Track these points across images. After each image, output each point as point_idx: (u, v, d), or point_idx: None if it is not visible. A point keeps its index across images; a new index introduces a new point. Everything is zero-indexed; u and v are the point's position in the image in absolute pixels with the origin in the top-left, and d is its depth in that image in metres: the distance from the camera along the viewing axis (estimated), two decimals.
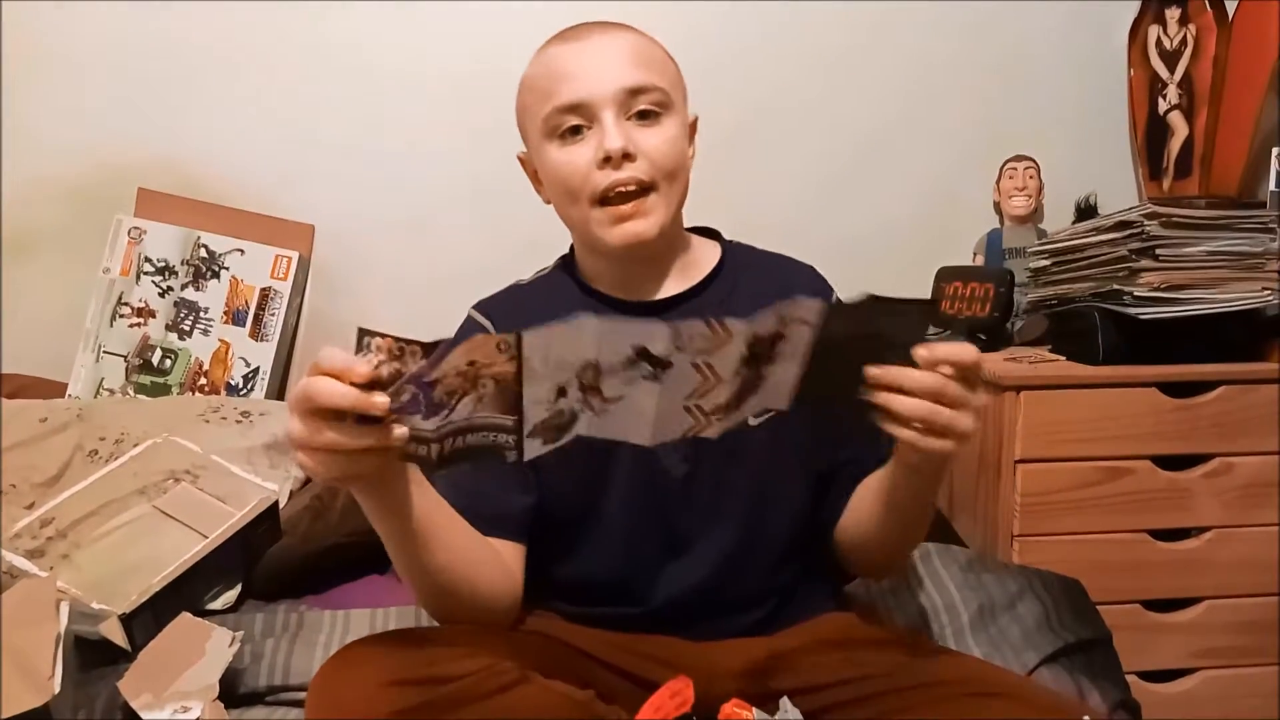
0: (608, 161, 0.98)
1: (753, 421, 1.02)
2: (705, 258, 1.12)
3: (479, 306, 1.12)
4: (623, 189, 0.99)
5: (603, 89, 0.98)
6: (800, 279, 1.13)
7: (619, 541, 1.05)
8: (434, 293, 1.91)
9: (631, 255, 1.04)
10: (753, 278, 1.10)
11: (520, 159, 1.12)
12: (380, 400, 0.75)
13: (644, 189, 1.00)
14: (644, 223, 1.00)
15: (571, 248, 1.15)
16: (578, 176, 1.00)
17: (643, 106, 1.00)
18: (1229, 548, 1.54)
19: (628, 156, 0.98)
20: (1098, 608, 1.29)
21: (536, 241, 1.17)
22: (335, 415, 0.75)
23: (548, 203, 1.08)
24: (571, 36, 1.04)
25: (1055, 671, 1.18)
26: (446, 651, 0.90)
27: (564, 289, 1.11)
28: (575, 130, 1.00)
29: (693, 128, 1.09)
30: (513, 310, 1.09)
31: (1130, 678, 1.29)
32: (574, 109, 0.99)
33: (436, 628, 1.02)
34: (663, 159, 1.00)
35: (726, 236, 1.17)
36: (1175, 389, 1.52)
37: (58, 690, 0.98)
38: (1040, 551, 1.49)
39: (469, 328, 1.10)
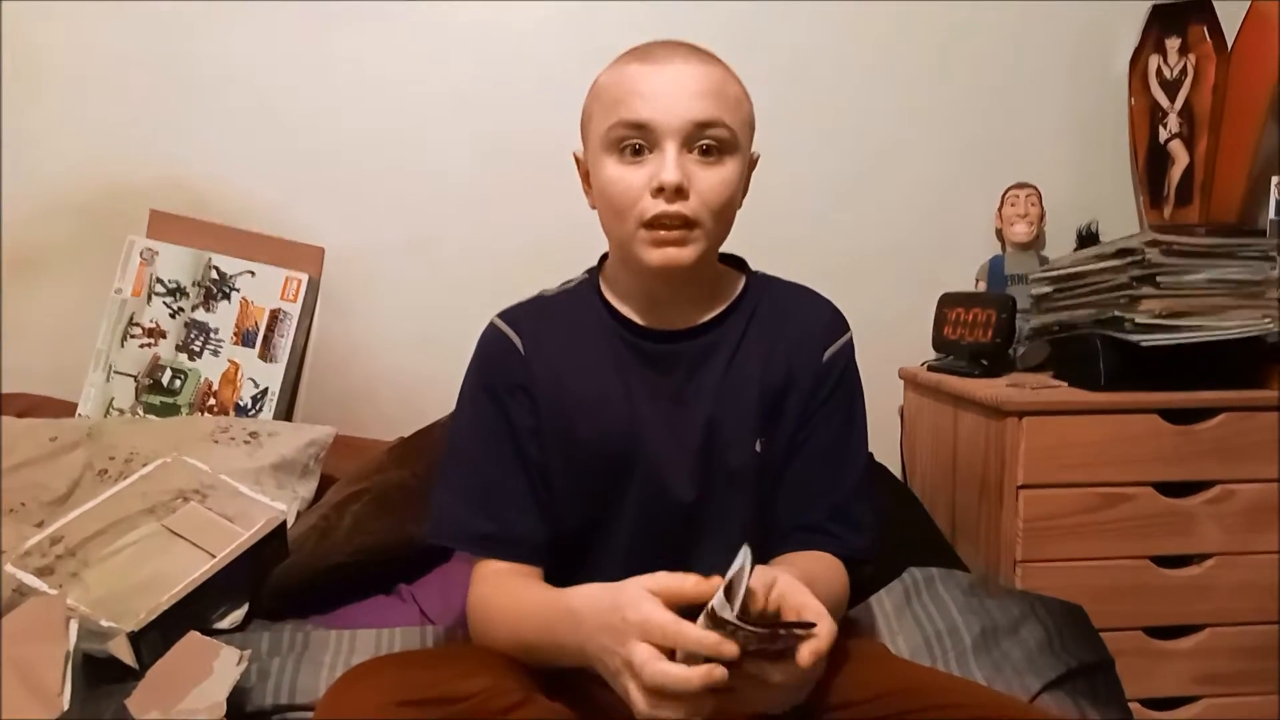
0: (660, 192, 0.99)
1: (759, 449, 1.08)
2: (729, 287, 1.13)
3: (504, 317, 1.13)
4: (669, 219, 1.00)
5: (671, 117, 0.98)
6: (818, 318, 1.14)
7: (626, 566, 1.05)
8: (442, 312, 1.93)
9: (666, 277, 1.05)
10: (771, 314, 1.12)
11: (575, 157, 1.12)
12: (720, 673, 0.77)
13: (689, 223, 1.00)
14: (684, 252, 1.01)
15: (602, 259, 1.17)
16: (629, 197, 1.00)
17: (707, 142, 1.00)
18: (1231, 574, 1.54)
19: (680, 192, 0.98)
20: (1100, 634, 1.30)
21: (543, 257, 1.19)
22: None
23: (593, 207, 1.09)
24: (653, 56, 1.02)
25: (1058, 696, 1.18)
26: (451, 672, 0.91)
27: (589, 309, 1.12)
28: (636, 150, 1.00)
29: (752, 165, 1.09)
30: (538, 324, 1.11)
31: (1133, 705, 1.30)
32: (639, 129, 0.99)
33: (441, 648, 1.03)
34: (715, 199, 1.01)
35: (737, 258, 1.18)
36: (1176, 415, 1.52)
37: (66, 707, 0.99)
38: (1043, 577, 1.50)
39: (493, 337, 1.12)
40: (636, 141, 1.00)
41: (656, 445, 1.07)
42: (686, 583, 0.82)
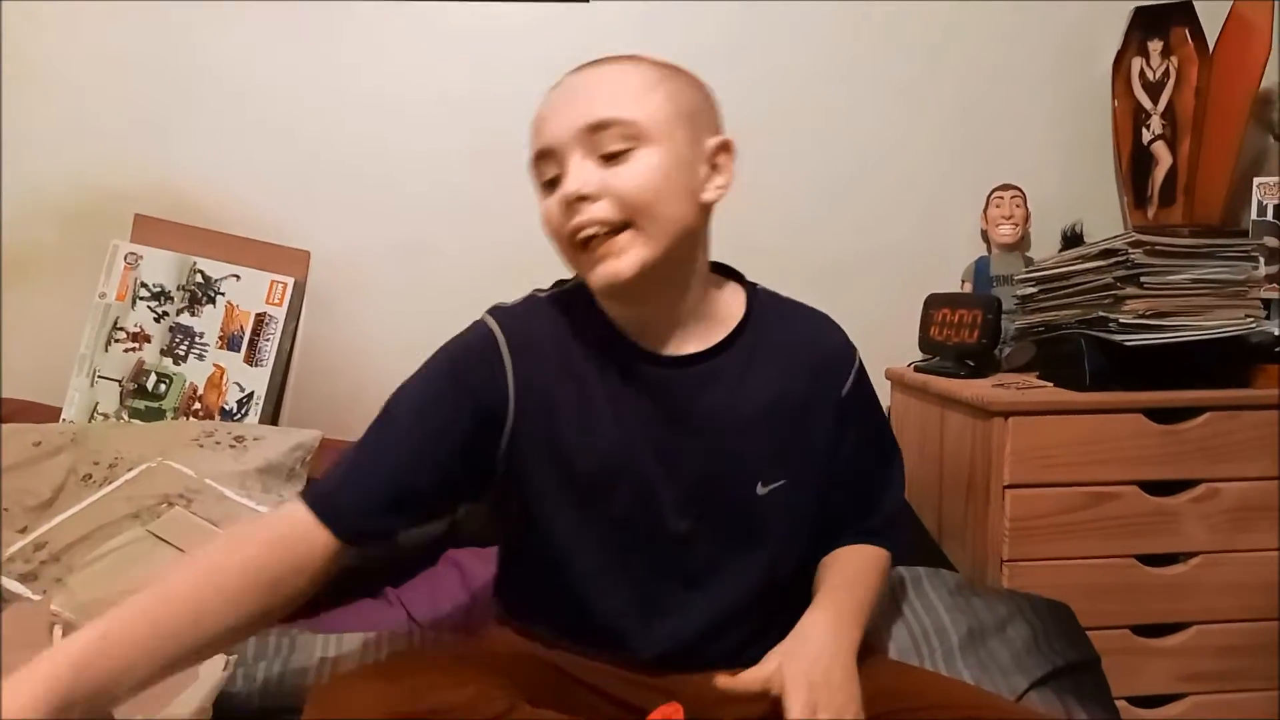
0: (569, 206, 0.94)
1: (761, 491, 1.04)
2: (729, 309, 1.06)
3: (496, 316, 1.04)
4: (592, 231, 0.94)
5: (563, 132, 0.94)
6: (827, 339, 1.10)
7: (610, 593, 1.03)
8: (430, 318, 1.92)
9: (616, 296, 0.99)
10: (779, 336, 1.06)
11: None
12: None
13: (614, 229, 0.93)
14: (618, 263, 0.94)
15: None
16: (554, 223, 0.96)
17: (609, 146, 0.93)
18: (1216, 572, 1.55)
19: (586, 198, 0.93)
20: (1087, 632, 1.30)
21: (534, 265, 1.17)
22: None
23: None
24: (563, 79, 0.99)
25: (1044, 695, 1.18)
26: (436, 680, 0.90)
27: (584, 320, 1.03)
28: (553, 179, 0.96)
29: (719, 151, 1.00)
30: (531, 331, 1.03)
31: (1120, 703, 1.30)
32: (546, 157, 0.96)
33: (426, 655, 1.02)
34: (633, 195, 0.92)
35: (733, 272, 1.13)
36: (1161, 415, 1.53)
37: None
38: (1029, 576, 1.50)
39: (483, 334, 1.02)
40: (552, 173, 0.96)
41: (649, 473, 1.01)
42: None
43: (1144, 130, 1.96)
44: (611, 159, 0.93)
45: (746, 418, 1.03)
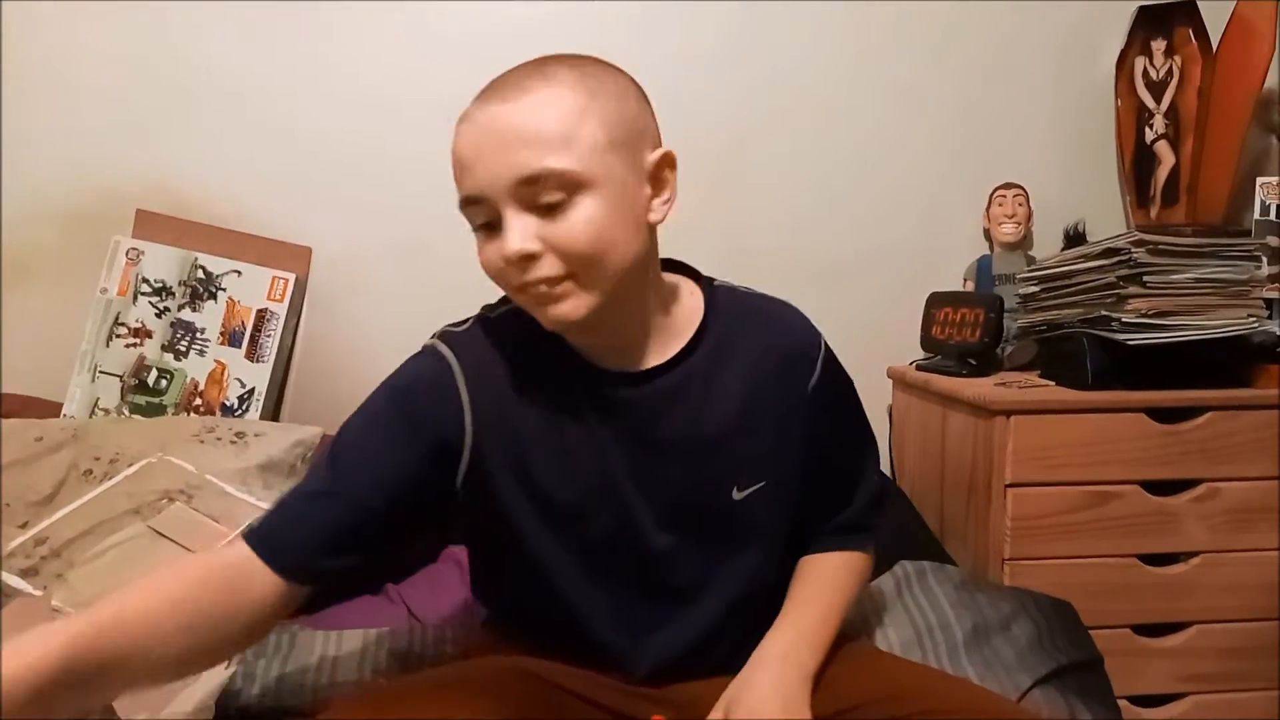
0: (513, 264, 0.88)
1: (737, 496, 1.01)
2: (686, 314, 1.02)
3: (444, 338, 1.01)
4: (539, 284, 0.89)
5: (495, 183, 0.87)
6: (790, 331, 1.06)
7: (595, 612, 1.01)
8: (430, 317, 1.92)
9: (568, 333, 0.95)
10: (740, 335, 1.03)
11: None
12: None
13: (558, 280, 0.89)
14: (566, 305, 0.89)
15: None
16: (497, 272, 0.91)
17: (544, 199, 0.86)
18: (1217, 572, 1.55)
19: (531, 257, 0.87)
20: (1089, 631, 1.30)
21: None
22: None
23: None
24: (471, 112, 0.92)
25: (1048, 693, 1.18)
26: (427, 705, 0.87)
27: (542, 339, 0.96)
28: (488, 224, 0.90)
29: (662, 165, 0.94)
30: (485, 355, 0.99)
31: (1120, 702, 1.30)
32: (476, 203, 0.90)
33: (414, 677, 0.98)
34: (574, 248, 0.87)
35: (715, 263, 1.08)
36: (1163, 414, 1.53)
37: None
38: (1031, 575, 1.50)
39: (433, 363, 0.99)
40: (484, 218, 0.90)
41: (625, 495, 0.99)
42: None
43: (1147, 129, 1.96)
44: (548, 209, 0.87)
45: (716, 424, 1.00)
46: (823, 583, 1.08)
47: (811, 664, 0.99)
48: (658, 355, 0.99)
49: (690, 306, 1.03)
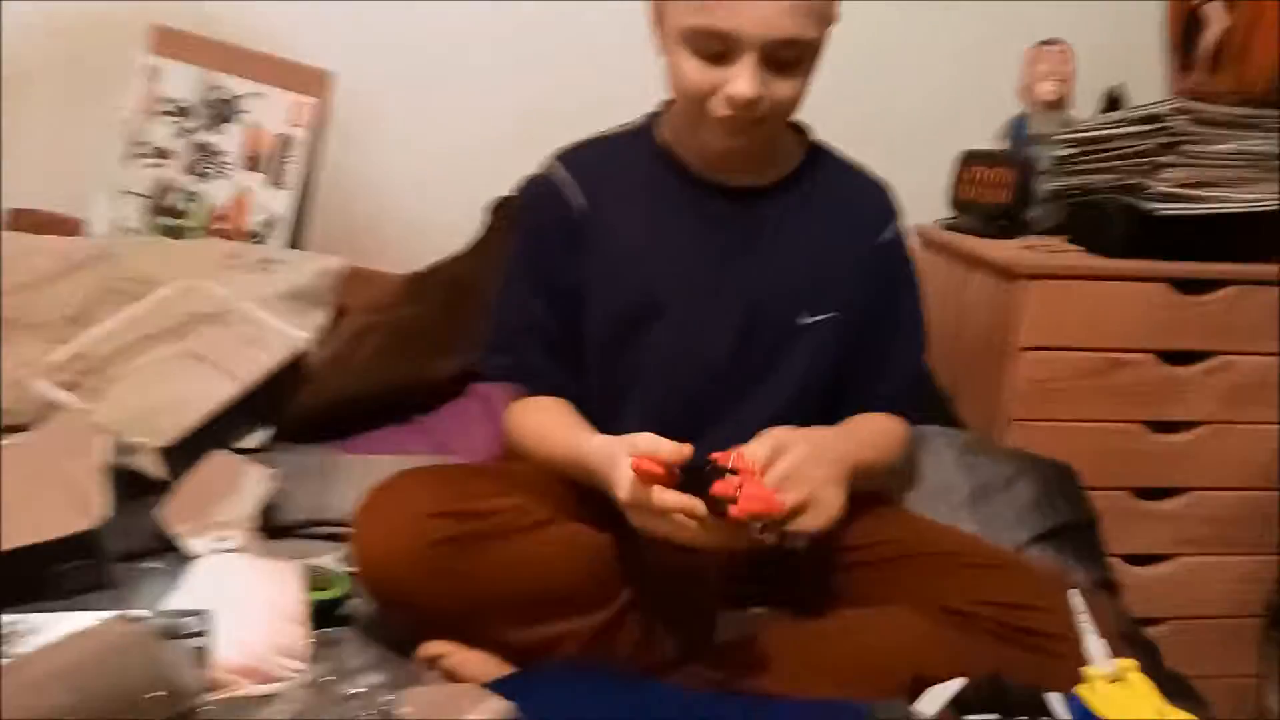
0: (734, 99, 0.98)
1: (802, 321, 1.10)
2: (789, 153, 1.14)
3: (563, 159, 1.15)
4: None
5: (754, 32, 0.95)
6: (872, 194, 1.18)
7: (659, 420, 1.05)
8: (448, 151, 1.90)
9: (724, 156, 1.08)
10: (828, 191, 1.14)
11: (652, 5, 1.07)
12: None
13: (758, 122, 1.01)
14: (749, 142, 1.04)
15: (660, 106, 1.16)
16: (703, 93, 1.00)
17: (784, 58, 0.98)
18: (1219, 443, 1.59)
19: (754, 104, 0.98)
20: (1089, 492, 1.35)
21: (563, 97, 1.17)
22: None
23: (662, 48, 1.06)
24: None
25: (1043, 550, 1.25)
26: (481, 488, 0.98)
27: (646, 157, 1.13)
28: (716, 54, 0.98)
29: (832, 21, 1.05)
30: (596, 170, 1.13)
31: (1115, 560, 1.36)
32: (720, 38, 0.97)
33: (471, 466, 1.09)
34: (786, 106, 1.02)
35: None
36: (1185, 286, 1.54)
37: (105, 517, 1.03)
38: (1038, 437, 1.53)
39: (548, 186, 1.14)
40: (717, 49, 0.98)
41: (695, 300, 1.09)
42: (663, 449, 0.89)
43: None
44: (779, 65, 0.98)
45: (793, 252, 1.10)
46: (865, 425, 1.13)
47: (850, 460, 1.01)
48: (754, 179, 1.11)
49: (791, 146, 1.15)
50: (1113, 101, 1.82)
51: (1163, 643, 1.18)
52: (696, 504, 0.86)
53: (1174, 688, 0.93)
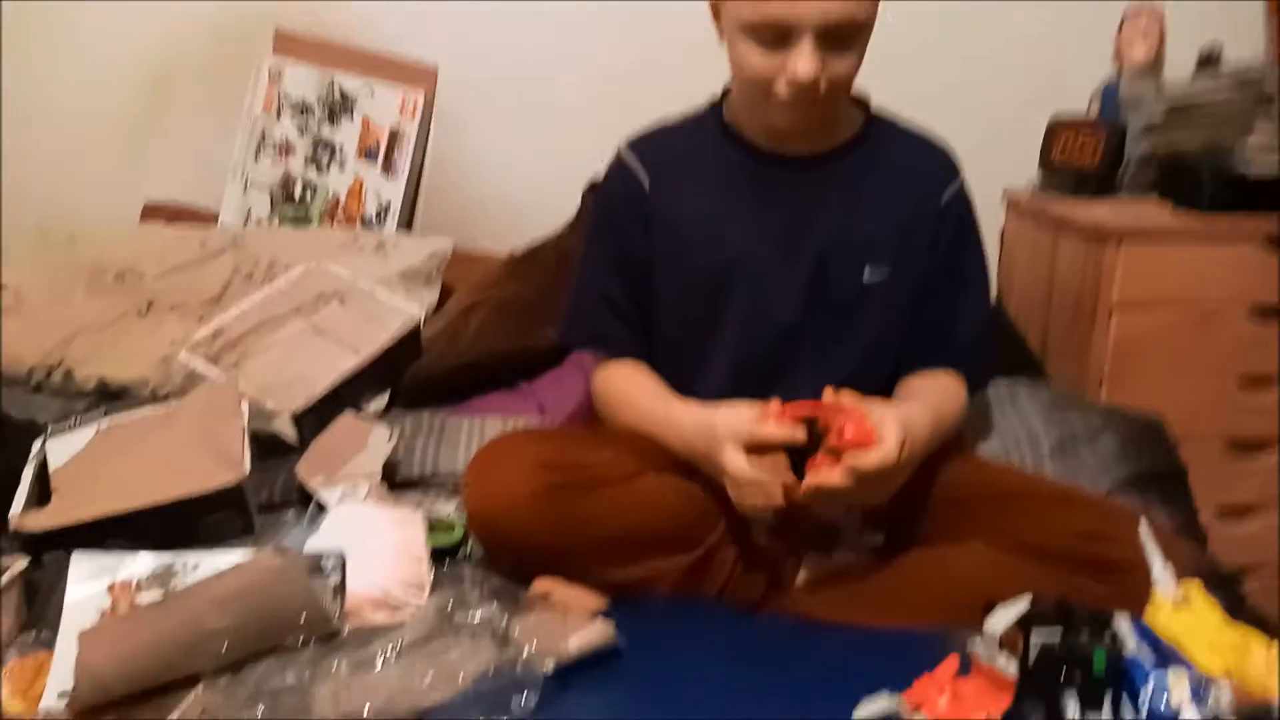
0: (794, 82, 1.04)
1: (868, 279, 1.15)
2: (850, 122, 1.19)
3: (633, 146, 1.23)
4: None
5: (810, 18, 1.01)
6: (934, 162, 1.21)
7: (733, 382, 1.15)
8: (550, 142, 1.98)
9: (783, 132, 1.14)
10: (889, 155, 1.19)
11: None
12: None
13: (818, 99, 1.06)
14: (809, 120, 1.10)
15: (726, 89, 1.22)
16: (764, 78, 1.06)
17: (839, 38, 1.03)
18: None
19: (813, 85, 1.04)
20: (1178, 445, 1.36)
21: (653, 89, 1.23)
22: None
23: (722, 39, 1.12)
24: None
25: (1128, 495, 1.26)
26: (580, 444, 1.09)
27: (712, 136, 1.19)
28: (774, 40, 1.04)
29: None
30: (663, 154, 1.21)
31: (1205, 511, 1.36)
32: (777, 28, 1.03)
33: (570, 427, 1.18)
34: (843, 82, 1.08)
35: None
36: (1277, 243, 1.52)
37: (248, 472, 1.15)
38: (1128, 395, 1.53)
39: (619, 170, 1.22)
40: (774, 34, 1.03)
41: (764, 264, 1.15)
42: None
43: None
44: (834, 46, 1.03)
45: (857, 215, 1.15)
46: (929, 386, 1.17)
47: (926, 434, 1.06)
48: (816, 146, 1.16)
49: (853, 115, 1.20)
50: (1206, 61, 1.79)
51: (1254, 595, 1.19)
52: (799, 430, 0.99)
53: (1258, 625, 0.93)
